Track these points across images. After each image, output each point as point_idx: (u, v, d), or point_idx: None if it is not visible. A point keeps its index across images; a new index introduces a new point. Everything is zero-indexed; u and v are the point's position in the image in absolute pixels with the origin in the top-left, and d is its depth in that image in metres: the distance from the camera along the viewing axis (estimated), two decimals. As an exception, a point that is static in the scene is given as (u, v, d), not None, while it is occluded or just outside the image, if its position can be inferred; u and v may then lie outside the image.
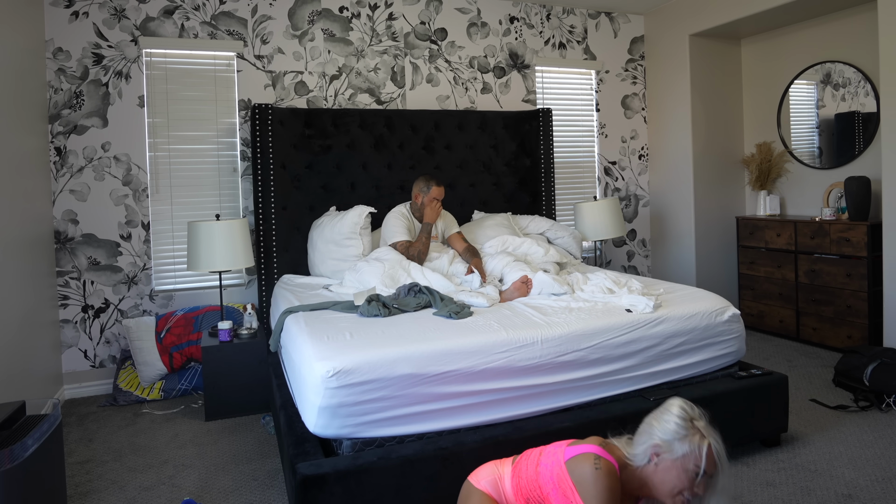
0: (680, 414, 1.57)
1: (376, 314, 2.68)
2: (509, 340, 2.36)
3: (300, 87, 4.27)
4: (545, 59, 5.00)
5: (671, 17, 5.06)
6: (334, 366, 2.10)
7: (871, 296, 3.95)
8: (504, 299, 2.98)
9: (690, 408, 1.61)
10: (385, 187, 4.23)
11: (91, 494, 2.54)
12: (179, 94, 4.01)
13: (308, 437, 2.21)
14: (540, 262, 3.57)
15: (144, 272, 3.94)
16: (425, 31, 4.61)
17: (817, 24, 4.56)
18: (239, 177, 4.16)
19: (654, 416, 1.62)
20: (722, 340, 2.75)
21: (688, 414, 1.58)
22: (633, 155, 5.39)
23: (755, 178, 4.98)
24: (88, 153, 3.80)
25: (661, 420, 1.59)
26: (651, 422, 1.62)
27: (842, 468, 2.58)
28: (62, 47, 3.73)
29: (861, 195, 4.01)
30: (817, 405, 3.27)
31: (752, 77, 5.15)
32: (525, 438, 2.24)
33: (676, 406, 1.60)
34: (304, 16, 4.27)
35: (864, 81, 4.27)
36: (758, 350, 4.31)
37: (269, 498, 2.48)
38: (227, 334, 3.42)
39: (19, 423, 2.08)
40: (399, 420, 2.18)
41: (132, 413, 3.48)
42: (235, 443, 3.04)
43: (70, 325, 3.78)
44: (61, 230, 3.76)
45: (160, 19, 3.93)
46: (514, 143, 4.62)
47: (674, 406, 1.61)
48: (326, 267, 3.71)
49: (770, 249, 4.62)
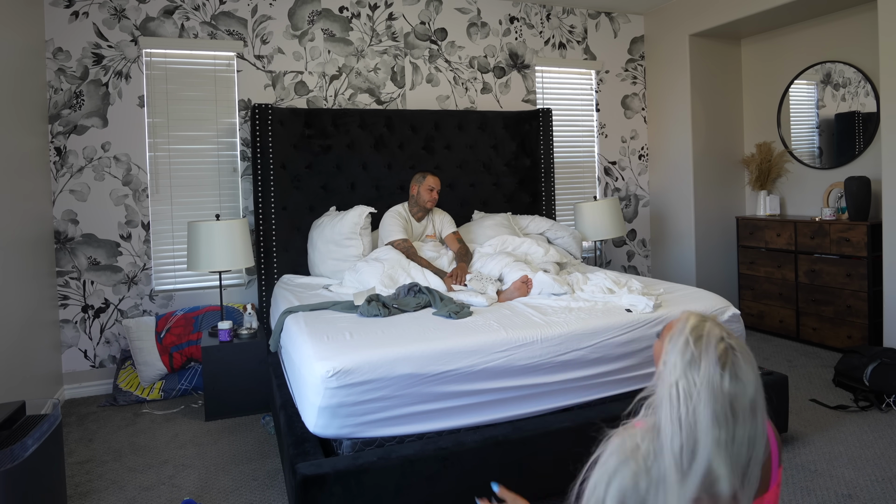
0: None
1: (376, 314, 2.68)
2: (509, 340, 2.36)
3: (300, 87, 4.27)
4: (545, 59, 5.00)
5: (671, 17, 5.06)
6: (334, 366, 2.10)
7: (871, 296, 3.95)
8: (504, 299, 2.99)
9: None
10: (385, 187, 4.22)
11: (91, 494, 2.54)
12: (179, 94, 4.01)
13: (308, 437, 2.21)
14: (540, 262, 3.57)
15: (144, 272, 3.94)
16: (425, 31, 4.61)
17: (817, 24, 4.56)
18: (239, 177, 4.16)
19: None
20: (722, 340, 2.75)
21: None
22: (633, 155, 5.39)
23: (755, 178, 4.98)
24: (88, 153, 3.80)
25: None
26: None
27: (842, 468, 2.58)
28: (62, 47, 3.73)
29: (861, 195, 4.01)
30: (817, 405, 3.27)
31: (752, 77, 5.15)
32: (525, 438, 2.24)
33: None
34: (304, 16, 4.27)
35: (864, 81, 4.27)
36: (758, 350, 4.30)
37: (269, 498, 2.48)
38: (227, 334, 3.42)
39: (19, 423, 2.08)
40: (399, 420, 2.18)
41: (132, 413, 3.48)
42: (235, 443, 3.04)
43: (70, 325, 3.78)
44: (61, 230, 3.76)
45: (160, 19, 3.93)
46: (514, 143, 4.62)
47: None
48: (326, 267, 3.71)
49: (770, 249, 4.62)
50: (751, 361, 1.01)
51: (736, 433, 0.96)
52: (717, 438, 0.95)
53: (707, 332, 1.01)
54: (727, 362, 0.98)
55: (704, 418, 0.95)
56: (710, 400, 0.96)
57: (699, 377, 0.97)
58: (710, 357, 0.98)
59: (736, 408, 0.96)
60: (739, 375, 0.98)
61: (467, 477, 2.16)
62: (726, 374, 0.97)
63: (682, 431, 0.96)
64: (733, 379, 0.98)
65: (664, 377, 1.01)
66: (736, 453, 0.96)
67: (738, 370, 0.98)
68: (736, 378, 0.98)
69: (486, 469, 2.18)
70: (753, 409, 0.98)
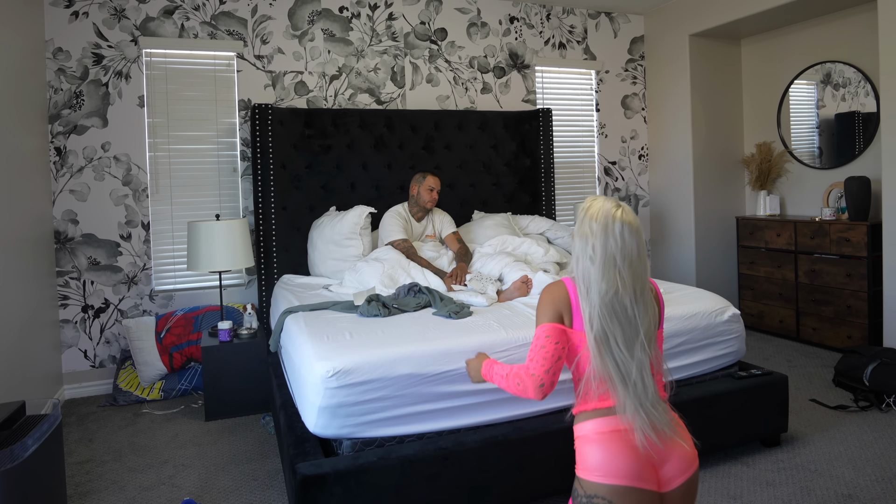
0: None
1: (376, 314, 2.68)
2: (509, 340, 2.36)
3: (300, 87, 4.27)
4: (545, 59, 5.00)
5: (671, 17, 5.06)
6: (334, 366, 2.10)
7: (871, 296, 3.95)
8: (504, 299, 2.99)
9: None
10: (385, 187, 4.23)
11: (91, 494, 2.54)
12: (179, 94, 4.01)
13: (308, 437, 2.21)
14: (540, 262, 3.57)
15: (144, 272, 3.94)
16: (425, 31, 4.61)
17: (817, 24, 4.56)
18: (239, 177, 4.16)
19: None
20: (722, 340, 2.75)
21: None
22: (633, 155, 5.39)
23: (755, 178, 4.98)
24: (88, 153, 3.80)
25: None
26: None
27: (842, 468, 2.58)
28: (62, 47, 3.73)
29: (861, 195, 4.01)
30: (817, 405, 3.27)
31: (752, 77, 5.15)
32: (525, 438, 2.24)
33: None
34: (304, 16, 4.27)
35: (864, 81, 4.27)
36: (758, 350, 4.30)
37: (269, 498, 2.48)
38: (227, 334, 3.42)
39: (19, 423, 2.08)
40: (399, 420, 2.18)
41: (132, 413, 3.48)
42: (235, 443, 3.04)
43: (70, 325, 3.78)
44: (61, 230, 3.76)
45: (160, 19, 3.93)
46: (514, 143, 4.62)
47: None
48: (326, 267, 3.71)
49: (770, 249, 4.62)
50: (631, 214, 1.42)
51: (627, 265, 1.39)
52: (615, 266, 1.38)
53: (598, 207, 1.42)
54: (616, 216, 1.39)
55: (602, 255, 1.38)
56: (605, 242, 1.38)
57: (597, 226, 1.39)
58: (606, 215, 1.40)
59: (627, 251, 1.39)
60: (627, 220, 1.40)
61: (467, 477, 2.16)
62: (616, 223, 1.38)
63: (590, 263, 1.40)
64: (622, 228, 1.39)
65: (575, 247, 1.44)
66: (631, 280, 1.39)
67: (625, 219, 1.40)
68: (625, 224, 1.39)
69: (486, 469, 2.18)
70: (640, 254, 1.41)
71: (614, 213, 1.39)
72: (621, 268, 1.38)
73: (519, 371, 1.48)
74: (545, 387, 1.43)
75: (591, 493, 1.35)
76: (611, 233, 1.38)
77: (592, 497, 1.35)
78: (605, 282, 1.37)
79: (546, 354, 1.42)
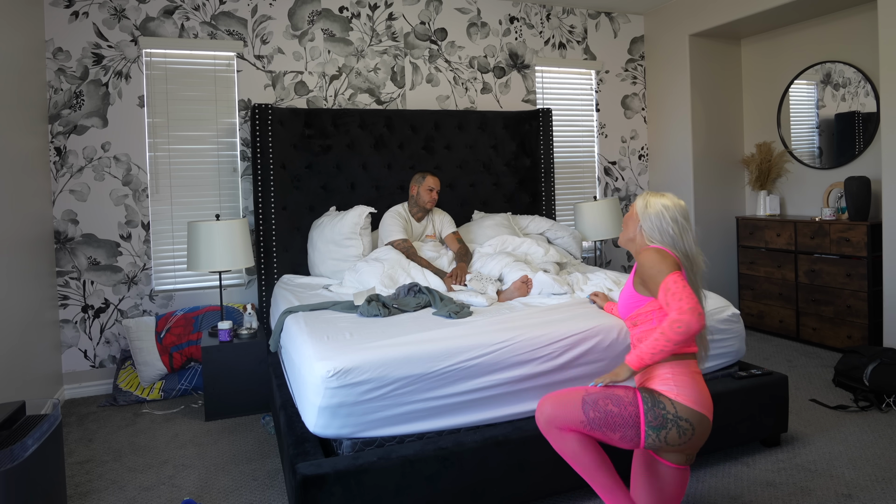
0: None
1: (376, 314, 2.68)
2: (509, 340, 2.36)
3: (300, 87, 4.27)
4: (545, 59, 5.00)
5: (671, 17, 5.06)
6: (334, 366, 2.10)
7: (871, 296, 3.95)
8: (504, 299, 2.99)
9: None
10: (385, 187, 4.23)
11: (91, 494, 2.54)
12: (179, 94, 4.01)
13: (308, 437, 2.21)
14: (540, 262, 3.57)
15: (144, 272, 3.94)
16: (425, 31, 4.61)
17: (817, 24, 4.56)
18: (239, 177, 4.16)
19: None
20: (722, 340, 2.75)
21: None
22: (633, 155, 5.39)
23: (755, 178, 4.98)
24: (88, 153, 3.80)
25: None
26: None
27: (842, 468, 2.58)
28: (62, 47, 3.73)
29: (861, 195, 4.01)
30: (817, 405, 3.27)
31: (752, 77, 5.15)
32: (525, 438, 2.24)
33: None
34: (304, 16, 4.27)
35: (864, 81, 4.27)
36: (758, 350, 4.31)
37: (269, 498, 2.48)
38: (227, 334, 3.42)
39: (19, 423, 2.08)
40: (399, 420, 2.18)
41: (132, 413, 3.48)
42: (235, 443, 3.04)
43: (70, 325, 3.78)
44: (61, 230, 3.76)
45: (160, 19, 3.93)
46: (514, 143, 4.62)
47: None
48: (326, 267, 3.71)
49: (770, 249, 4.62)
50: (676, 201, 2.08)
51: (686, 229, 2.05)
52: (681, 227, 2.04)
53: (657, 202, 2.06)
54: (669, 205, 2.04)
55: (670, 223, 2.03)
56: (670, 216, 2.04)
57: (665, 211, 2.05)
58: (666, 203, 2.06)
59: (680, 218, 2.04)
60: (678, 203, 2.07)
61: (467, 477, 2.16)
62: (671, 208, 2.03)
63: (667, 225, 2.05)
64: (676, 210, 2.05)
65: (649, 219, 2.06)
66: (687, 240, 2.04)
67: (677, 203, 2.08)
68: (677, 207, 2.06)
69: (486, 469, 2.18)
70: (686, 218, 2.05)
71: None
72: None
73: (670, 322, 1.80)
74: (702, 314, 1.80)
75: (682, 415, 1.80)
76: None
77: (681, 419, 1.79)
78: (700, 257, 2.04)
79: (689, 292, 1.82)
